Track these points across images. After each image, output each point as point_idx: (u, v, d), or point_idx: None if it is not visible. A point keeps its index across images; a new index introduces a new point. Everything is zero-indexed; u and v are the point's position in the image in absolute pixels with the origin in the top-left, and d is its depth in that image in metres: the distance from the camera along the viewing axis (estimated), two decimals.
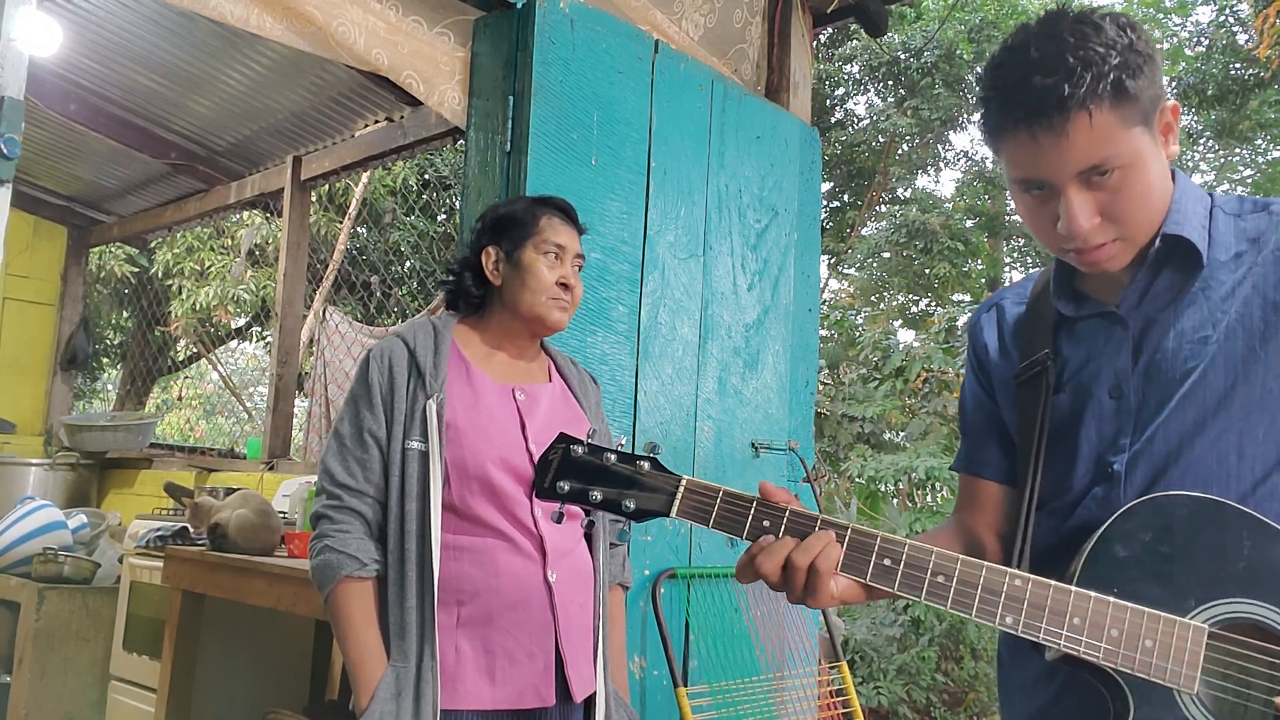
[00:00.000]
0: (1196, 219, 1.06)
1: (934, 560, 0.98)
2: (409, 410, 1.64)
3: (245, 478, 4.32)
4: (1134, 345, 1.08)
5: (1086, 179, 1.00)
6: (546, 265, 1.75)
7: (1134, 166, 1.00)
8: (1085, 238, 1.02)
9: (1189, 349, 1.04)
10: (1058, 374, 1.13)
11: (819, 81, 9.97)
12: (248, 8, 2.29)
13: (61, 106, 4.30)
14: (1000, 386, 1.21)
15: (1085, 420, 1.10)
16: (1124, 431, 1.07)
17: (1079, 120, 0.97)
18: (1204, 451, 1.02)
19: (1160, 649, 0.94)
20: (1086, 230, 1.01)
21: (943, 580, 0.98)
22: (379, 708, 1.53)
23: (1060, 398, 1.12)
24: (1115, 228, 1.03)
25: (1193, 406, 1.03)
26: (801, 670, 2.83)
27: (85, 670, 3.66)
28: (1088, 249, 1.04)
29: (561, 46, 2.48)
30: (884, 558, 0.99)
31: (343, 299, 6.80)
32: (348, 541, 1.61)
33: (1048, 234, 1.06)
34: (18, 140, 1.65)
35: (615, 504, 1.03)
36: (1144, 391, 1.06)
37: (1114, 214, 1.02)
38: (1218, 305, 1.04)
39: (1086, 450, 1.09)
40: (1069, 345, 1.13)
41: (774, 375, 3.00)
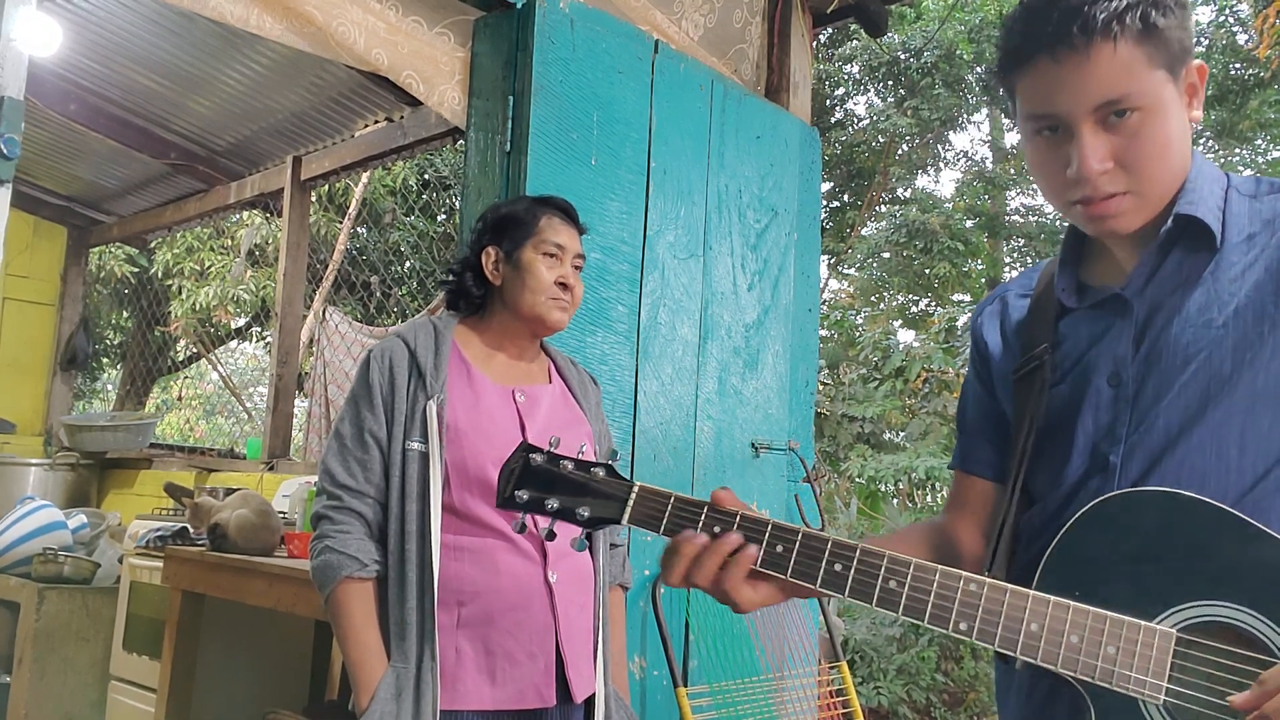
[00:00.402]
0: (1212, 200, 1.00)
1: (886, 565, 0.93)
2: (409, 411, 1.64)
3: (245, 478, 4.31)
4: (1137, 331, 1.02)
5: (1104, 117, 0.95)
6: (546, 265, 1.75)
7: (1155, 112, 0.95)
8: (1095, 183, 0.96)
9: (1193, 334, 0.98)
10: (1058, 366, 1.07)
11: (819, 81, 9.97)
12: (247, 8, 2.29)
13: (61, 106, 4.30)
14: (1000, 382, 1.16)
15: (1083, 410, 1.04)
16: (1121, 421, 1.01)
17: (1103, 46, 0.93)
18: (1202, 442, 0.96)
19: (1124, 655, 0.87)
20: (1097, 173, 0.96)
21: (895, 585, 0.92)
22: (379, 708, 1.53)
23: (1060, 389, 1.07)
24: (1128, 178, 0.97)
25: (1193, 395, 0.97)
26: (801, 670, 2.83)
27: (85, 670, 3.66)
28: (1096, 198, 0.98)
29: (561, 46, 2.48)
30: (835, 562, 0.94)
31: (342, 299, 6.80)
32: (348, 542, 1.61)
33: (1056, 183, 1.00)
34: (18, 140, 1.65)
35: (570, 512, 1.02)
36: (1144, 379, 1.00)
37: (1128, 161, 0.96)
38: (1226, 288, 0.98)
39: (1082, 441, 1.04)
40: (1071, 335, 1.08)
41: (774, 375, 3.00)
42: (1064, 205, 1.02)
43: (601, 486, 1.02)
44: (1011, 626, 0.89)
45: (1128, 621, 0.88)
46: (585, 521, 1.01)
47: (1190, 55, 0.99)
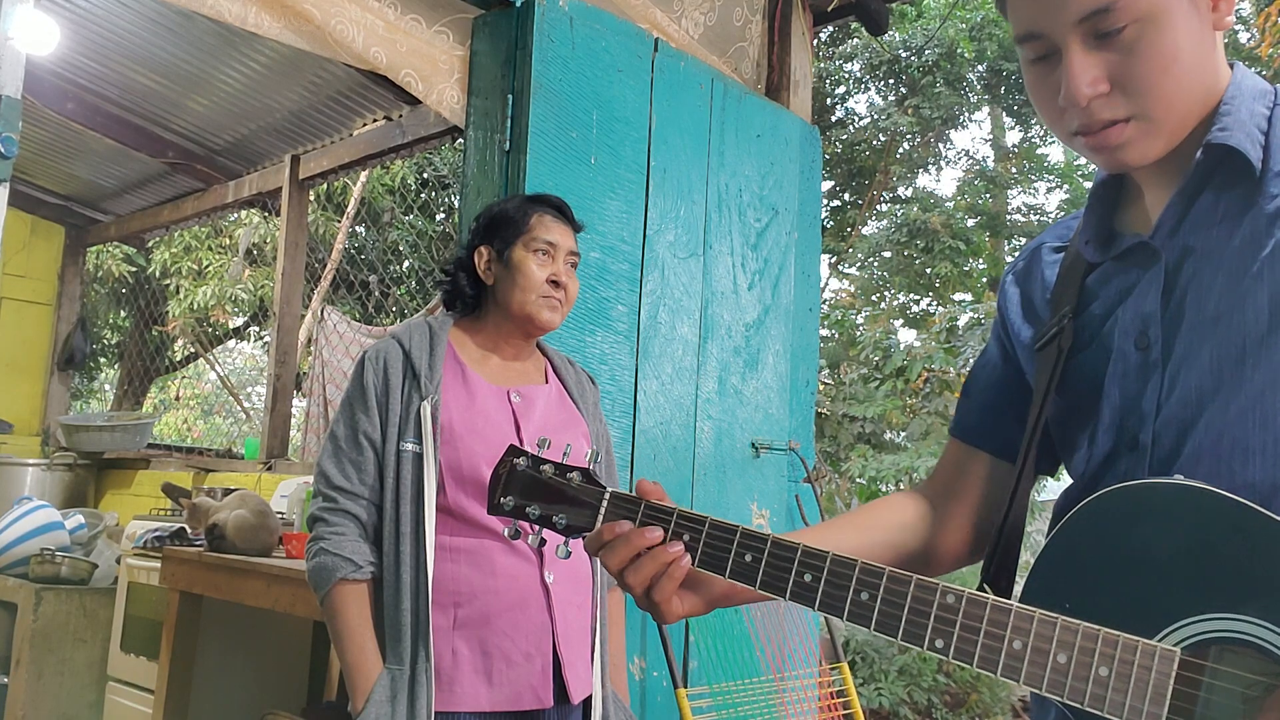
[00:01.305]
0: (1251, 122, 0.85)
1: (858, 574, 0.84)
2: (404, 412, 1.64)
3: (243, 478, 4.30)
4: (1166, 282, 0.86)
5: (1091, 31, 0.82)
6: (537, 263, 1.74)
7: (1154, 21, 0.81)
8: (1088, 109, 0.83)
9: (1225, 282, 0.82)
10: (1082, 330, 0.93)
11: (819, 80, 9.96)
12: (246, 6, 2.28)
13: (59, 105, 4.29)
14: (1023, 349, 1.02)
15: (1108, 379, 0.89)
16: (1151, 390, 0.86)
17: None
18: (1243, 413, 0.80)
19: (1118, 679, 0.75)
20: (1089, 98, 0.82)
21: (866, 599, 0.83)
22: (374, 710, 1.53)
23: (1083, 357, 0.92)
24: (1128, 101, 0.83)
25: (1228, 356, 0.81)
26: (802, 671, 2.82)
27: (83, 671, 3.65)
28: (1094, 126, 0.84)
29: (561, 45, 2.47)
30: (804, 573, 0.86)
31: (341, 298, 6.79)
32: (343, 544, 1.60)
33: (1053, 115, 0.88)
34: (15, 139, 1.64)
35: (549, 520, 0.97)
36: (1173, 339, 0.85)
37: (1126, 81, 0.82)
38: (1264, 227, 0.81)
39: (1109, 415, 0.89)
40: (1099, 294, 0.93)
41: (774, 375, 2.99)
42: (1066, 138, 0.89)
43: (577, 493, 0.97)
44: (991, 644, 0.79)
45: (1123, 639, 0.76)
46: (564, 529, 0.97)
47: None
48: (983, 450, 1.05)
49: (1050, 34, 0.84)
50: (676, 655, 2.54)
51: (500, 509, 1.00)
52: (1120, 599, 0.79)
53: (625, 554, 0.91)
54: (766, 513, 2.92)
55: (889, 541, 1.02)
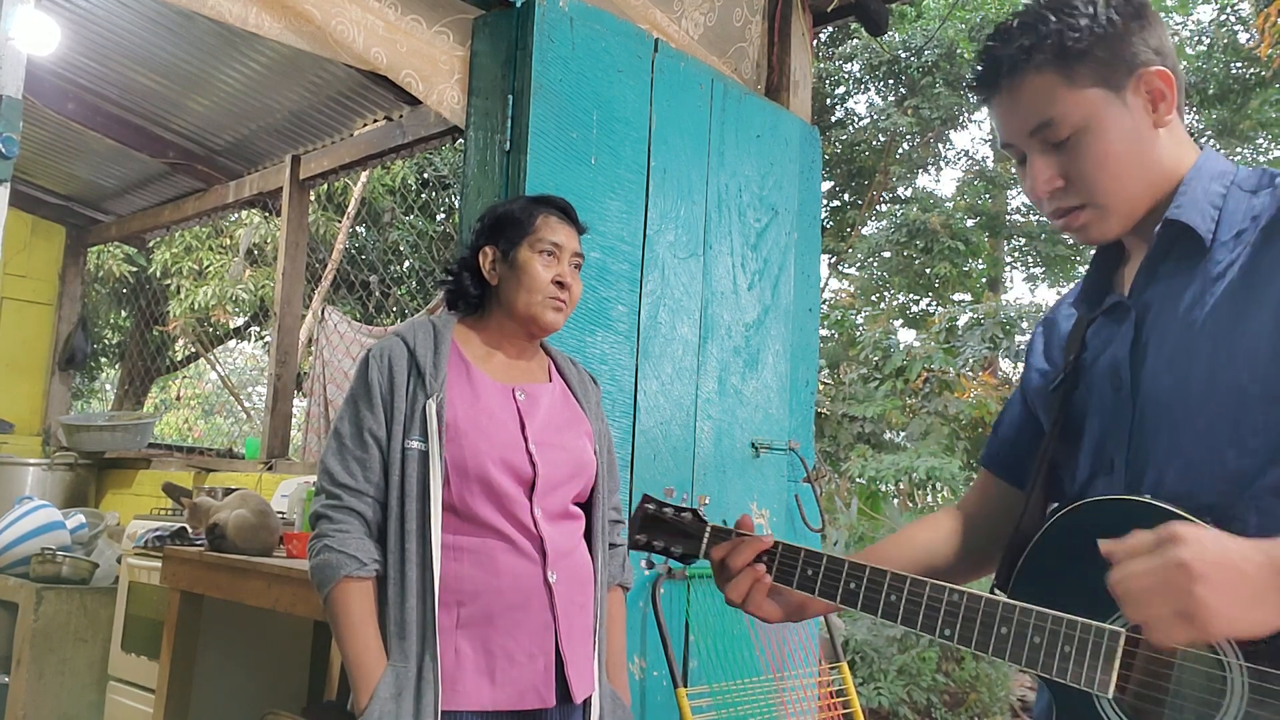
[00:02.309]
0: (1206, 199, 1.03)
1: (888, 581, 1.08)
2: (409, 410, 1.64)
3: (244, 478, 4.31)
4: (1135, 332, 1.06)
5: (1043, 140, 1.04)
6: (542, 264, 1.74)
7: (1089, 130, 1.02)
8: (1045, 201, 1.06)
9: (1179, 332, 1.01)
10: (1078, 374, 1.13)
11: (819, 80, 9.96)
12: (246, 6, 2.28)
13: (59, 105, 4.29)
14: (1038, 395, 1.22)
15: (1090, 413, 1.09)
16: (1121, 422, 1.05)
17: (1019, 81, 1.04)
18: (1195, 443, 0.98)
19: (1078, 654, 0.94)
20: (1044, 193, 1.05)
21: (894, 599, 1.06)
22: (378, 707, 1.53)
23: (1075, 395, 1.12)
24: (1078, 192, 1.04)
25: (1183, 394, 0.99)
26: (802, 671, 2.82)
27: (83, 671, 3.65)
28: (1056, 214, 1.07)
29: (561, 45, 2.47)
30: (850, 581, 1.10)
31: (341, 298, 6.79)
32: (347, 541, 1.60)
33: (1034, 201, 1.09)
34: (16, 139, 1.64)
35: (668, 550, 1.28)
36: (1137, 380, 1.04)
37: (1073, 177, 1.04)
38: (1208, 287, 1.00)
39: (1089, 444, 1.09)
40: (1091, 344, 1.13)
41: (774, 375, 3.00)
42: (1050, 219, 1.11)
43: (687, 527, 1.27)
44: (985, 630, 1.00)
45: (1081, 622, 0.95)
46: (679, 557, 1.28)
47: (1141, 64, 1.03)
48: (1003, 479, 1.27)
49: (1017, 144, 1.07)
50: (676, 655, 2.55)
51: (637, 544, 1.32)
52: (1083, 592, 0.97)
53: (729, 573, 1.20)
54: (766, 512, 2.92)
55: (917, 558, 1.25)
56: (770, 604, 1.19)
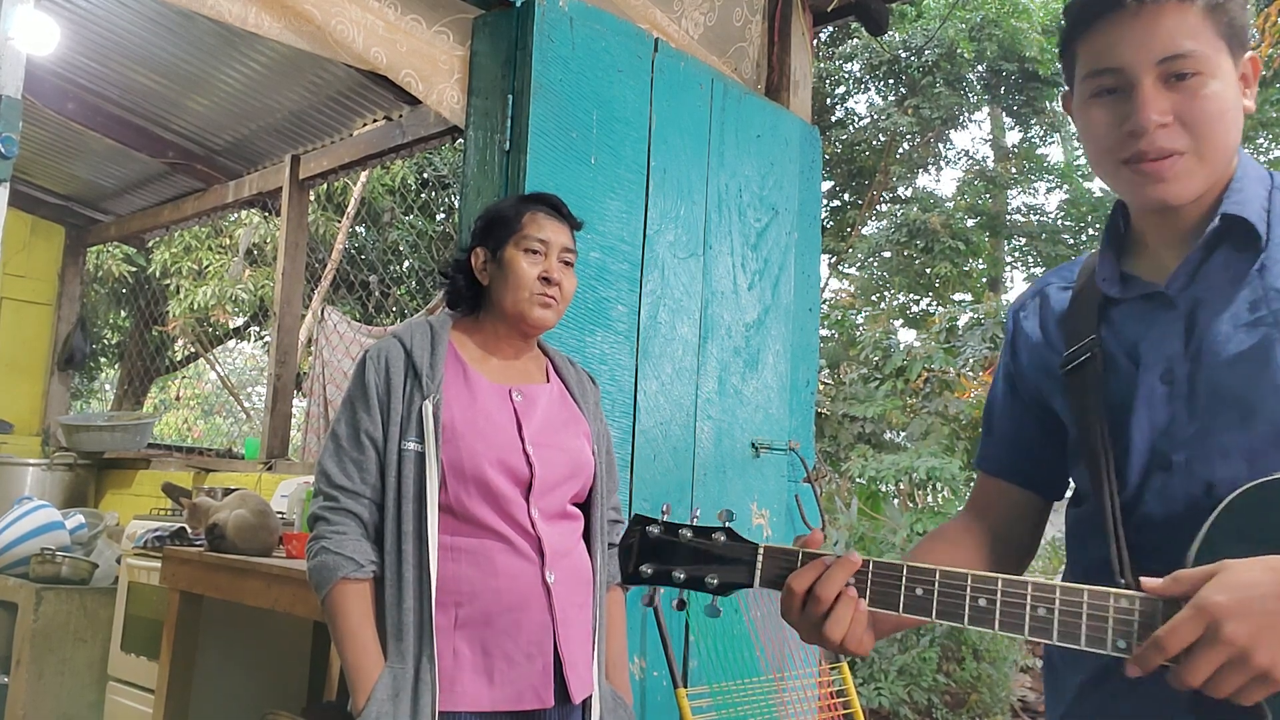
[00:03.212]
0: (1258, 200, 1.00)
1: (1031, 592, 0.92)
2: (405, 411, 1.64)
3: (243, 478, 4.30)
4: (1184, 327, 1.00)
5: (1165, 74, 0.97)
6: (528, 262, 1.74)
7: (1216, 79, 0.97)
8: (1153, 135, 0.96)
9: (1243, 332, 0.97)
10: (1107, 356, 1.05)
11: (819, 80, 9.96)
12: (246, 6, 2.28)
13: (59, 105, 4.29)
14: (1039, 377, 1.15)
15: (1136, 408, 1.02)
16: (1178, 420, 0.99)
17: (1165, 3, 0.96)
18: (1264, 440, 0.94)
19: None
20: (1156, 125, 0.96)
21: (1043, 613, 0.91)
22: (376, 709, 1.52)
23: (1113, 381, 1.05)
24: (1187, 137, 0.97)
25: (1249, 394, 0.96)
26: (802, 671, 2.82)
27: (83, 671, 3.65)
28: (1151, 153, 0.97)
29: (561, 45, 2.47)
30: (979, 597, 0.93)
31: (341, 298, 6.79)
32: (344, 543, 1.60)
33: (1110, 141, 1.00)
34: (15, 139, 1.64)
35: (699, 581, 1.02)
36: (1194, 377, 0.99)
37: (1189, 119, 0.97)
38: (1272, 287, 0.97)
39: (1140, 440, 1.01)
40: (1116, 329, 1.06)
41: (774, 375, 2.99)
42: (1114, 167, 1.01)
43: (725, 551, 1.02)
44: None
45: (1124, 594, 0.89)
46: (716, 589, 1.01)
47: (1247, 46, 1.01)
48: (1009, 482, 1.19)
49: (1128, 69, 0.98)
50: (676, 655, 2.54)
51: (638, 578, 1.03)
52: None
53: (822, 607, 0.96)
54: (766, 513, 2.92)
55: None
56: (870, 636, 1.00)
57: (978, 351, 7.92)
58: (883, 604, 0.95)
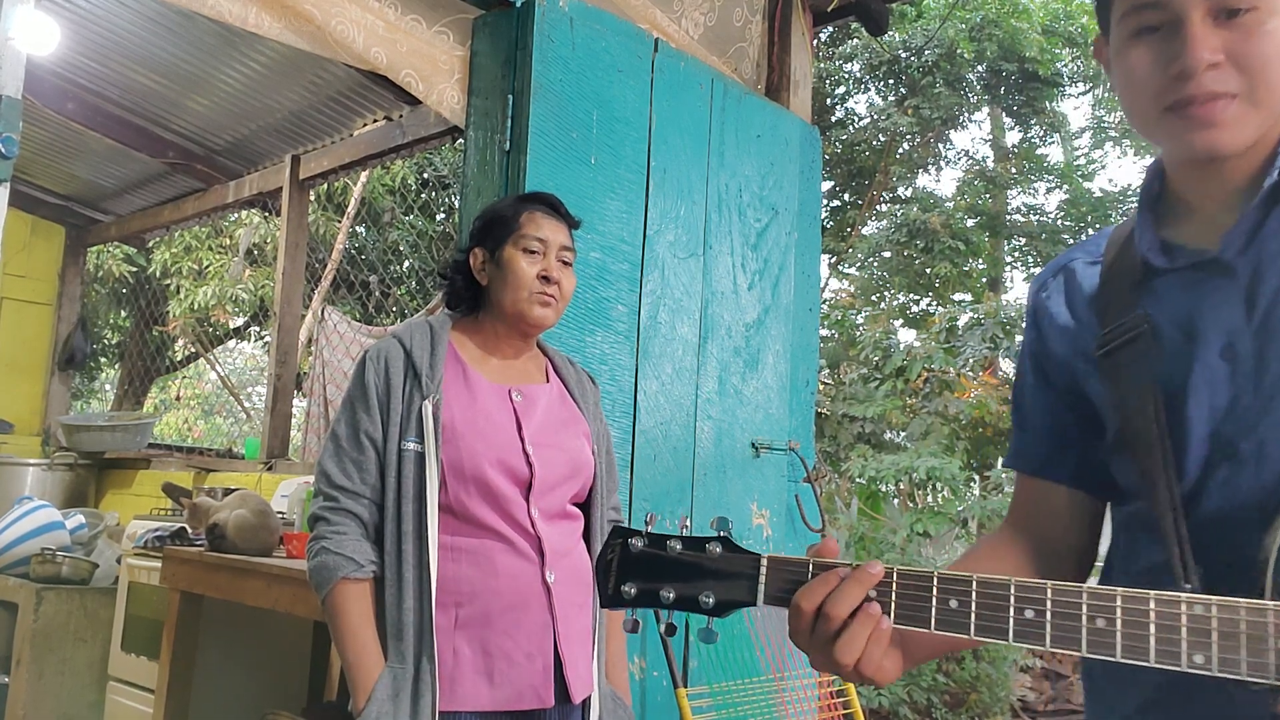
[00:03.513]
0: None
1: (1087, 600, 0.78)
2: (405, 411, 1.64)
3: (243, 478, 4.30)
4: (1246, 297, 0.88)
5: (1216, 9, 0.86)
6: (526, 261, 1.74)
7: (1273, 14, 0.85)
8: (1201, 77, 0.85)
9: None
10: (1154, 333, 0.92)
11: (819, 80, 9.96)
12: (246, 6, 2.28)
13: (59, 105, 4.29)
14: (1076, 361, 1.01)
15: (1192, 389, 0.89)
16: (1243, 401, 0.87)
17: None
18: None
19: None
20: (1206, 64, 0.85)
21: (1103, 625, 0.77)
22: (376, 709, 1.53)
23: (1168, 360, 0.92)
24: (1240, 78, 0.86)
25: None
26: (802, 671, 2.82)
27: (83, 671, 3.65)
28: (1201, 96, 0.86)
29: (561, 45, 2.47)
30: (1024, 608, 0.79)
31: (341, 298, 6.79)
32: (344, 543, 1.61)
33: (1154, 86, 0.89)
34: (15, 139, 1.64)
35: (693, 601, 0.87)
36: (1262, 352, 0.86)
37: (1240, 58, 0.85)
38: None
39: (1199, 427, 0.88)
40: (1162, 303, 0.93)
41: (774, 375, 2.99)
42: (1156, 115, 0.90)
43: (722, 565, 0.87)
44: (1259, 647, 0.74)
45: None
46: (712, 609, 0.87)
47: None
48: (1051, 480, 1.04)
49: (1174, 3, 0.87)
50: (676, 655, 2.55)
51: (619, 600, 0.89)
52: None
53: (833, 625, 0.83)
54: (766, 513, 2.92)
55: None
56: (892, 660, 0.86)
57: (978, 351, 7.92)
58: (911, 620, 0.81)
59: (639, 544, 0.89)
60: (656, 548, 0.89)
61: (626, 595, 0.89)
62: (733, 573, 0.87)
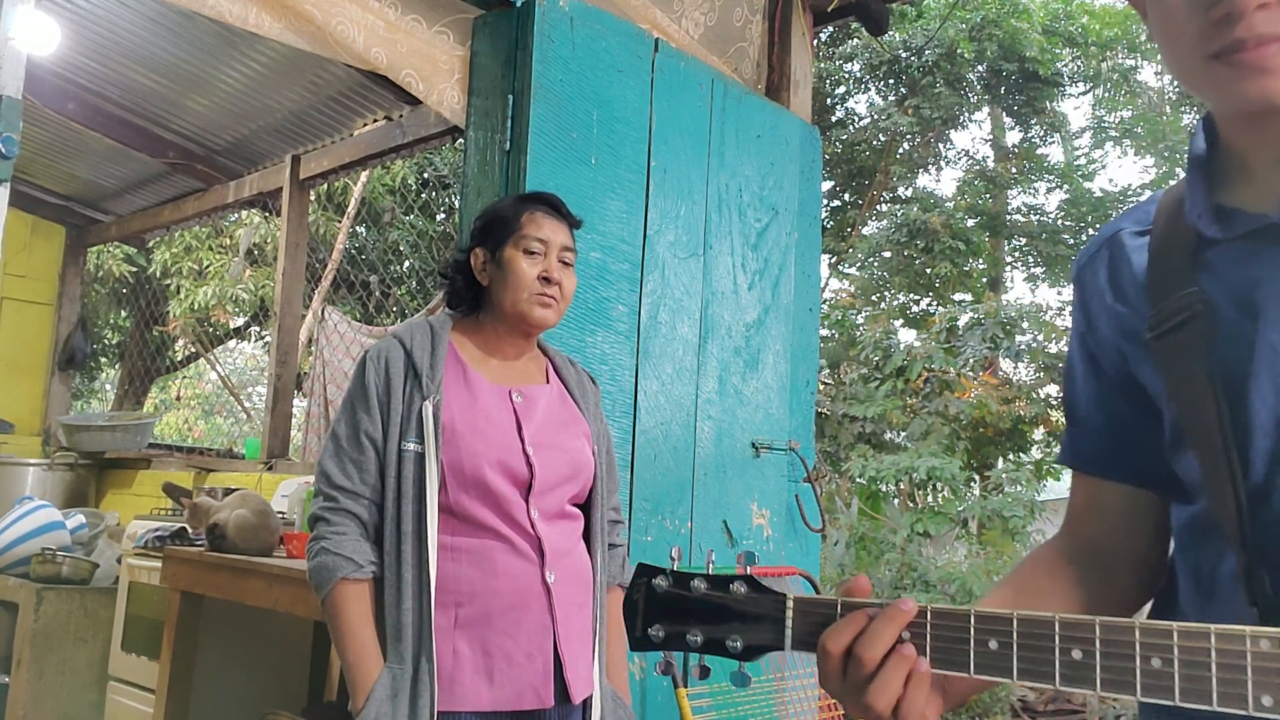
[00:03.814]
0: None
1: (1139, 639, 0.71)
2: (405, 412, 1.64)
3: (244, 478, 4.31)
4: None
5: None
6: (527, 262, 1.74)
7: None
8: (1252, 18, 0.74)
9: None
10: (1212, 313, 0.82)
11: (819, 80, 9.97)
12: (246, 6, 2.28)
13: (59, 105, 4.29)
14: (1127, 344, 0.91)
15: (1256, 373, 0.79)
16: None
17: None
18: None
19: None
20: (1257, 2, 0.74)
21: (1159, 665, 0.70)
22: (375, 709, 1.53)
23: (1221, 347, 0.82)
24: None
25: None
26: (802, 671, 2.82)
27: (84, 671, 3.65)
28: (1252, 40, 0.75)
29: (561, 45, 2.47)
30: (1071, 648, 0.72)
31: (341, 298, 6.79)
32: (343, 543, 1.61)
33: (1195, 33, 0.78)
34: (16, 139, 1.64)
35: (720, 645, 0.82)
36: None
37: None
38: None
39: (1264, 414, 0.78)
40: (1219, 276, 0.83)
41: (774, 375, 2.99)
42: (1201, 65, 0.79)
43: (748, 606, 0.82)
44: None
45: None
46: (740, 654, 0.82)
47: None
48: (1114, 480, 0.95)
49: None
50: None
51: (650, 642, 0.85)
52: None
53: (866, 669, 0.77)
54: (766, 513, 2.92)
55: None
56: (934, 704, 0.79)
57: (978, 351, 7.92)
58: (948, 664, 0.75)
59: (664, 584, 0.86)
60: (681, 587, 0.85)
61: (655, 638, 0.85)
62: (758, 615, 0.82)
